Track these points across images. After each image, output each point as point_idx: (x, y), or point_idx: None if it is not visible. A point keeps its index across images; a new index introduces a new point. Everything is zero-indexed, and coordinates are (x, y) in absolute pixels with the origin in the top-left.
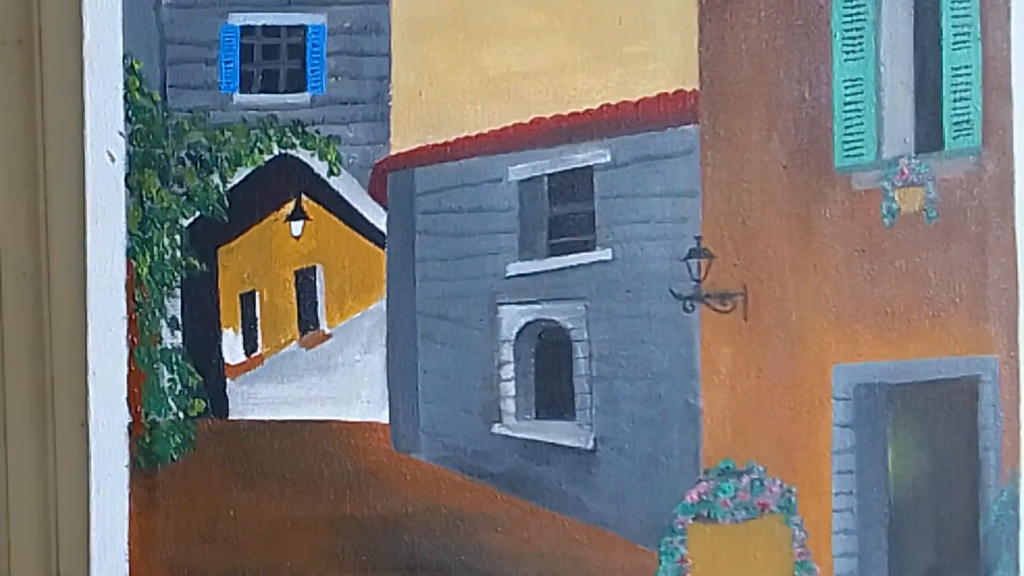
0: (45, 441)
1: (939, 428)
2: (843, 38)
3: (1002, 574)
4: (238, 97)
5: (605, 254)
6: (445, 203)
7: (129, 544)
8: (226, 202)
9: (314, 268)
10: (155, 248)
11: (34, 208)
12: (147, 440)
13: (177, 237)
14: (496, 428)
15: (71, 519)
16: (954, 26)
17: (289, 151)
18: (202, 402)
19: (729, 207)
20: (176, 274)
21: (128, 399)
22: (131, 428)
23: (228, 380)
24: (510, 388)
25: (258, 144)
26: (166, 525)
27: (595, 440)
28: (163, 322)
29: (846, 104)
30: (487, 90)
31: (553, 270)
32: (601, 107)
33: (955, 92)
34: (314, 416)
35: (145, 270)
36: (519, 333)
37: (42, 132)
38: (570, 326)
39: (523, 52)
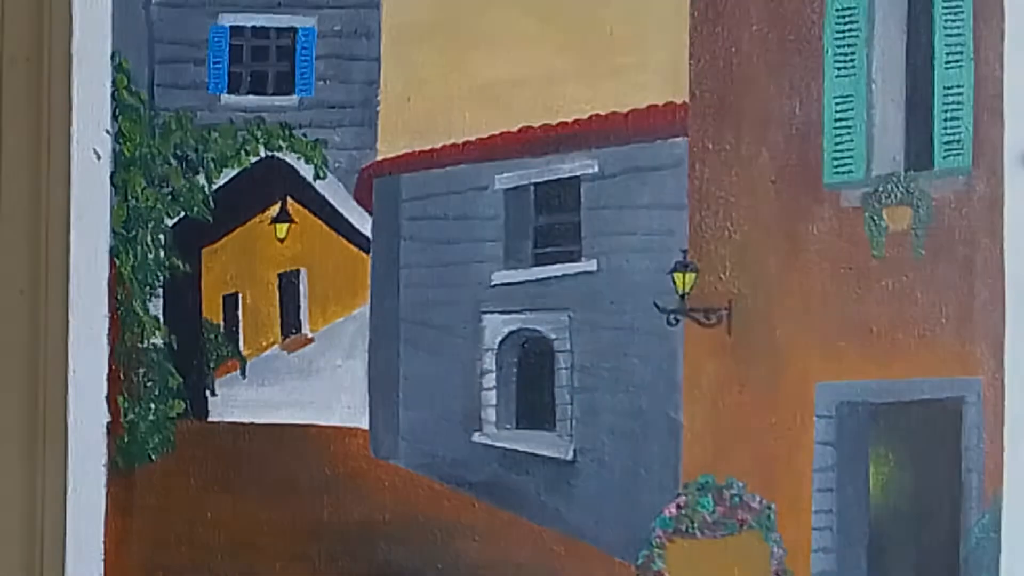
0: (24, 438)
1: (922, 448)
2: (835, 54)
3: None
4: (226, 98)
5: (590, 265)
6: (431, 210)
7: (105, 543)
8: (211, 203)
9: (298, 271)
10: (139, 247)
11: (20, 203)
12: (125, 440)
13: (161, 237)
14: (476, 437)
15: (48, 517)
16: (947, 45)
17: (275, 153)
18: (182, 403)
19: (716, 221)
20: (159, 274)
21: (107, 398)
22: (110, 427)
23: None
24: (491, 397)
25: (245, 146)
26: (143, 525)
27: (575, 451)
28: (145, 322)
29: (836, 121)
30: (476, 97)
31: (538, 280)
32: (590, 118)
33: (946, 111)
34: (294, 420)
35: (128, 269)
36: (502, 342)
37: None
38: (553, 336)
39: (513, 60)
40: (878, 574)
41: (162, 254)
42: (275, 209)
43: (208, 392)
